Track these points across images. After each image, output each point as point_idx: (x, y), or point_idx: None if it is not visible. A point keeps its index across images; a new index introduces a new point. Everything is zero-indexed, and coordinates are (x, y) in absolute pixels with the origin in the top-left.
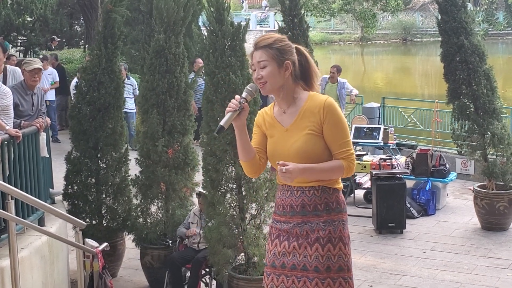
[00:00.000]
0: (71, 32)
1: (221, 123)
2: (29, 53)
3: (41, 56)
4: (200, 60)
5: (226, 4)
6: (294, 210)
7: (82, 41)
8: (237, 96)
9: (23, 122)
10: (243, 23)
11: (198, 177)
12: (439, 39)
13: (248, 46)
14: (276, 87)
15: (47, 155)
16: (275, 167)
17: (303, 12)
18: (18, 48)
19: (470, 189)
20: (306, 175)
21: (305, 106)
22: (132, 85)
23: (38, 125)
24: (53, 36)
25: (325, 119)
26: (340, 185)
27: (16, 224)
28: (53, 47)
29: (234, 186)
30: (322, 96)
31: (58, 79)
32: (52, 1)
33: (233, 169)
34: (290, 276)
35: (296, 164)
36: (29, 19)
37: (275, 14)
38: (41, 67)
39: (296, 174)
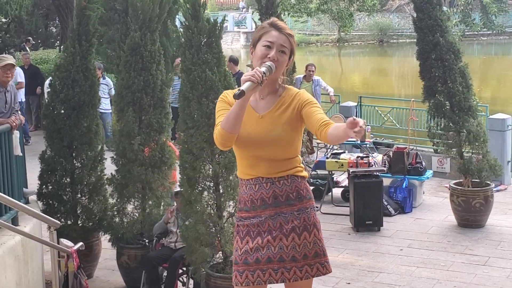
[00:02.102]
0: (47, 33)
1: (243, 88)
2: (4, 54)
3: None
4: (179, 60)
5: (202, 0)
6: (266, 203)
7: (58, 42)
8: (259, 69)
9: None
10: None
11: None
12: (415, 40)
13: (225, 45)
14: (278, 75)
15: (21, 154)
16: (242, 154)
17: (279, 11)
18: None
19: (446, 187)
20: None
21: (283, 97)
22: (107, 85)
23: (14, 123)
24: (28, 38)
25: (300, 102)
26: (306, 173)
27: None
28: (27, 48)
29: (212, 184)
30: (295, 89)
31: (22, 80)
32: (27, 2)
33: (210, 166)
34: (266, 270)
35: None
36: (3, 20)
37: (252, 13)
38: (14, 63)
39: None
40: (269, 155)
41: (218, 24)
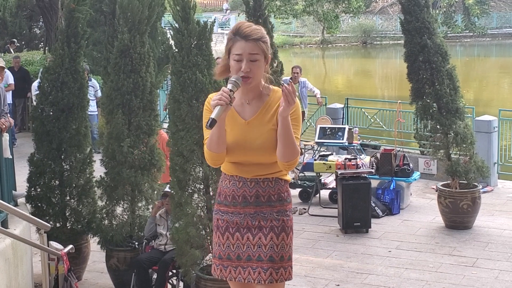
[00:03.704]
0: (30, 35)
1: (213, 116)
2: None
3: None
4: None
5: (192, 3)
6: (247, 201)
7: (42, 43)
8: (225, 89)
9: None
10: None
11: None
12: (399, 42)
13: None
14: (259, 81)
15: (10, 156)
16: (228, 158)
17: (267, 12)
18: None
19: (433, 188)
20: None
21: (269, 101)
22: (93, 87)
23: (3, 126)
24: (13, 40)
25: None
26: (289, 177)
27: None
28: (12, 50)
29: (202, 186)
30: None
31: (12, 82)
32: (11, 4)
33: (201, 169)
34: (246, 268)
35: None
36: None
37: (238, 15)
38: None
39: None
40: (256, 159)
41: (208, 27)
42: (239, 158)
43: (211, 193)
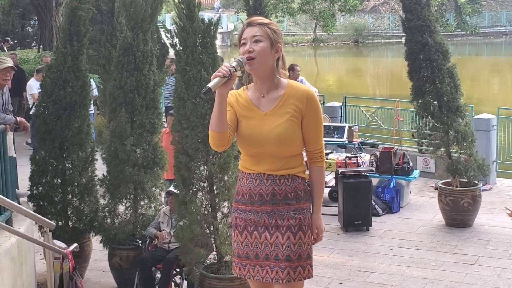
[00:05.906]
0: (23, 33)
1: (209, 85)
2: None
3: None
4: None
5: (196, 1)
6: (264, 199)
7: (35, 41)
8: (226, 64)
9: None
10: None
11: None
12: (390, 40)
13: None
14: (264, 66)
15: (15, 155)
16: (245, 150)
17: (266, 11)
18: None
19: (432, 186)
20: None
21: (286, 93)
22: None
23: (21, 126)
24: (7, 38)
25: (308, 110)
26: (306, 174)
27: None
28: (5, 49)
29: (206, 185)
30: (303, 85)
31: None
32: (4, 2)
33: (205, 167)
34: (264, 266)
35: (315, 219)
36: None
37: (235, 14)
38: (13, 66)
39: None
40: (273, 151)
41: (213, 25)
42: (256, 149)
43: (215, 192)
